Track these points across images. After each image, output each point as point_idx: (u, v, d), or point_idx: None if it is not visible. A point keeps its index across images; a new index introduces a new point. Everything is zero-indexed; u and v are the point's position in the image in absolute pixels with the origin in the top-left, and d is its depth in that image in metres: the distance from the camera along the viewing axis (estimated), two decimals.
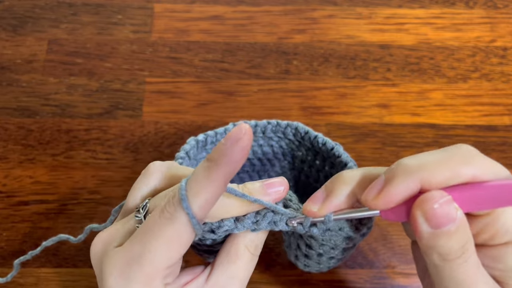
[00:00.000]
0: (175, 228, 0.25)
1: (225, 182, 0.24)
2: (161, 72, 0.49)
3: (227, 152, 0.23)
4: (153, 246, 0.25)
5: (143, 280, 0.26)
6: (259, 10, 0.53)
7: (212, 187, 0.24)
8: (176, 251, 0.26)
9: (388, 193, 0.24)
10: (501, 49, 0.51)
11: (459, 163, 0.24)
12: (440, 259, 0.24)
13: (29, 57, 0.50)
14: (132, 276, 0.26)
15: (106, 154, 0.45)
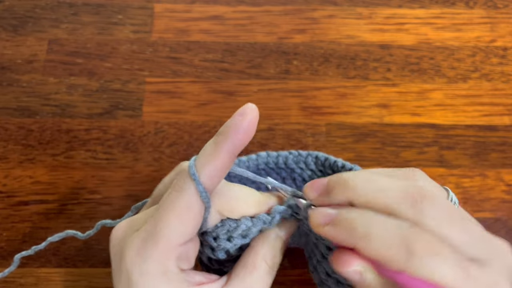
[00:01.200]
0: (184, 199, 0.26)
1: (232, 153, 0.26)
2: (161, 72, 0.49)
3: (234, 124, 0.26)
4: (166, 221, 0.26)
5: (158, 258, 0.26)
6: (259, 10, 0.53)
7: (219, 158, 0.26)
8: (188, 224, 0.26)
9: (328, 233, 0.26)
10: (501, 49, 0.51)
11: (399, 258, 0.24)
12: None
13: (29, 57, 0.50)
14: (147, 254, 0.26)
15: (106, 154, 0.45)
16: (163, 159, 0.45)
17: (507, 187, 0.45)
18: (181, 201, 0.26)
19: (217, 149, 0.26)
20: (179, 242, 0.26)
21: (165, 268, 0.26)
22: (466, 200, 0.45)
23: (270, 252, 0.29)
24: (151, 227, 0.26)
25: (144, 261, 0.26)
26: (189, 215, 0.26)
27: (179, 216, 0.26)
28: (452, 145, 0.47)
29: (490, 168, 0.46)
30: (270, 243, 0.29)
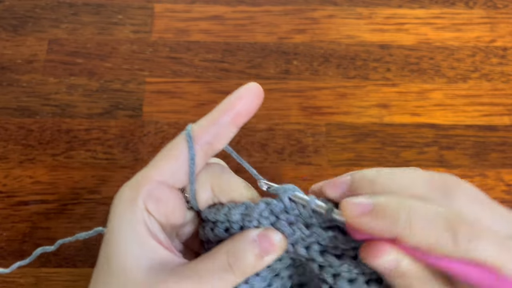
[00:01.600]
0: (174, 142, 0.27)
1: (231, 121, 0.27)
2: (161, 72, 0.49)
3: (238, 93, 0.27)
4: (153, 160, 0.28)
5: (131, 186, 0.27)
6: (259, 10, 0.53)
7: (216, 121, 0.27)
8: (168, 161, 0.27)
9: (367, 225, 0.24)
10: (501, 49, 0.51)
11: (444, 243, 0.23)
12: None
13: (29, 57, 0.50)
14: (131, 179, 0.28)
15: (106, 154, 0.45)
16: None
17: (507, 187, 0.45)
18: (171, 144, 0.28)
19: (218, 112, 0.27)
20: (155, 177, 0.27)
21: (133, 197, 0.27)
22: None
23: (237, 249, 0.26)
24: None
25: (123, 188, 0.28)
26: (171, 152, 0.27)
27: (162, 154, 0.27)
28: (452, 145, 0.47)
29: (490, 168, 0.46)
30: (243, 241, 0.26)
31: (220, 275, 0.25)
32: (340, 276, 0.27)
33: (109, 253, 0.26)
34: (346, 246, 0.26)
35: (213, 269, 0.25)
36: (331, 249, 0.27)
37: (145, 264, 0.25)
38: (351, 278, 0.27)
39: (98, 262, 0.27)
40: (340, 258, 0.26)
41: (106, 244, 0.27)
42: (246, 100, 0.27)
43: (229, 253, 0.26)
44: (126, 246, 0.26)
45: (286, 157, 0.46)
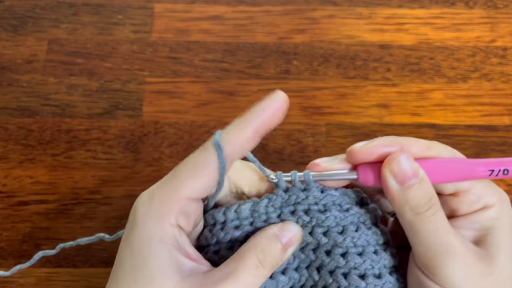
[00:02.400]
0: (202, 155, 0.27)
1: (258, 131, 0.27)
2: (161, 72, 0.49)
3: (263, 104, 0.27)
4: (181, 171, 0.27)
5: (161, 200, 0.27)
6: (259, 10, 0.53)
7: (243, 133, 0.27)
8: (200, 179, 0.27)
9: (372, 145, 0.28)
10: (501, 49, 0.51)
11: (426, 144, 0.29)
12: (412, 214, 0.27)
13: (29, 57, 0.50)
14: (155, 196, 0.27)
15: (106, 154, 0.45)
16: (163, 159, 0.45)
17: (507, 187, 0.45)
18: (199, 156, 0.27)
19: (245, 123, 0.27)
20: (186, 194, 0.27)
21: (164, 212, 0.27)
22: None
23: (262, 247, 0.28)
24: (168, 176, 0.28)
25: (150, 200, 0.27)
26: (203, 171, 0.27)
27: (193, 169, 0.27)
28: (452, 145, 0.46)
29: None
30: (265, 239, 0.28)
31: (254, 273, 0.27)
32: (348, 253, 0.29)
33: (135, 267, 0.26)
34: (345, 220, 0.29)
35: (246, 268, 0.27)
36: (333, 228, 0.29)
37: (175, 276, 0.26)
38: (358, 251, 0.29)
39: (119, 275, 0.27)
40: (342, 234, 0.29)
41: (131, 257, 0.27)
42: (272, 111, 0.27)
43: (257, 251, 0.27)
44: (155, 261, 0.26)
45: (286, 157, 0.46)
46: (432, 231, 0.27)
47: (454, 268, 0.27)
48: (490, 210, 0.28)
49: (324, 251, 0.30)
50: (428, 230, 0.27)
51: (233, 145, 0.27)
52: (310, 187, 0.29)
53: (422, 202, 0.27)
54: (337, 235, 0.29)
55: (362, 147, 0.28)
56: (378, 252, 0.29)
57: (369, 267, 0.29)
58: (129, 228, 0.27)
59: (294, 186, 0.29)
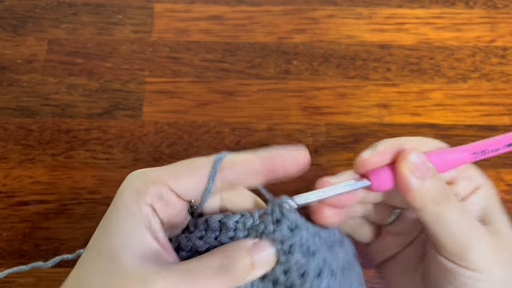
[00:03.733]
0: (202, 160, 0.27)
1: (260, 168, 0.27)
2: (161, 72, 0.49)
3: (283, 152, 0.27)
4: (176, 164, 0.28)
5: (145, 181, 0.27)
6: (259, 10, 0.53)
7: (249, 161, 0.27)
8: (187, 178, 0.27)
9: (380, 149, 0.29)
10: (501, 49, 0.51)
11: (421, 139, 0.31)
12: (435, 206, 0.28)
13: (29, 57, 0.50)
14: (143, 173, 0.27)
15: (106, 154, 0.45)
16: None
17: (507, 187, 0.45)
18: (198, 161, 0.27)
19: (253, 155, 0.27)
20: (170, 184, 0.27)
21: (142, 190, 0.27)
22: None
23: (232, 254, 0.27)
24: (164, 166, 0.28)
25: (134, 178, 0.27)
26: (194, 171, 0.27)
27: (187, 166, 0.27)
28: (452, 145, 0.46)
29: (490, 168, 0.46)
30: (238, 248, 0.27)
31: (212, 276, 0.25)
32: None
33: (104, 238, 0.27)
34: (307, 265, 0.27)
35: (208, 269, 0.25)
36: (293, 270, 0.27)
37: (138, 254, 0.25)
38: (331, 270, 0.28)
39: (91, 244, 0.27)
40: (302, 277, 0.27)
41: (103, 228, 0.27)
42: (285, 159, 0.27)
43: (224, 256, 0.26)
44: (123, 236, 0.26)
45: None
46: (457, 218, 0.28)
47: (481, 249, 0.28)
48: (482, 189, 0.30)
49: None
50: (454, 218, 0.28)
51: (234, 168, 0.27)
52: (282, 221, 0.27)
53: (441, 191, 0.28)
54: (297, 277, 0.27)
55: (372, 154, 0.29)
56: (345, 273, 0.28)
57: None
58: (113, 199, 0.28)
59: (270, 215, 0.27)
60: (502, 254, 0.29)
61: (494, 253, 0.28)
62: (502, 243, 0.29)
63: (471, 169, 0.31)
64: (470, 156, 0.31)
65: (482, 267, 0.28)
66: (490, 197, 0.31)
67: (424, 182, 0.28)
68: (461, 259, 0.28)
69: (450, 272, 0.29)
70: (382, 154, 0.29)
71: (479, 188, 0.31)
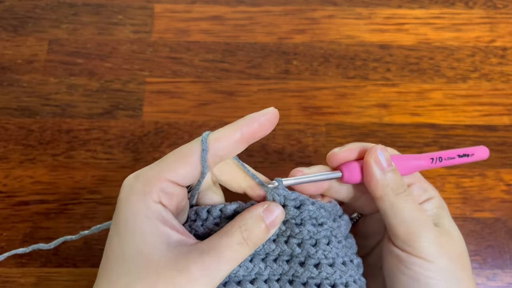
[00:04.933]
0: (188, 145, 0.30)
1: (244, 137, 0.30)
2: (161, 72, 0.49)
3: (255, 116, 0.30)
4: (167, 157, 0.30)
5: (145, 181, 0.29)
6: (259, 10, 0.53)
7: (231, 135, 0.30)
8: (183, 165, 0.29)
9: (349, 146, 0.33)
10: (501, 49, 0.51)
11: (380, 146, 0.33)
12: (393, 196, 0.31)
13: (29, 57, 0.50)
14: (140, 175, 0.29)
15: (106, 154, 0.46)
16: None
17: (506, 187, 0.45)
18: (185, 146, 0.30)
19: (235, 127, 0.30)
20: (169, 176, 0.29)
21: (146, 191, 0.29)
22: (466, 200, 0.45)
23: (247, 225, 0.30)
24: (155, 162, 0.30)
25: (134, 182, 0.29)
26: (186, 158, 0.29)
27: (178, 156, 0.30)
28: (451, 145, 0.47)
29: (490, 168, 0.46)
30: (252, 217, 0.30)
31: (237, 248, 0.29)
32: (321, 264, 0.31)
33: (124, 243, 0.28)
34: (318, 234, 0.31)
35: (230, 243, 0.29)
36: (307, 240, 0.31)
37: (162, 247, 0.28)
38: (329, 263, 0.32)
39: (108, 255, 0.29)
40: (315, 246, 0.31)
41: (118, 235, 0.29)
42: (262, 123, 0.30)
43: (242, 229, 0.29)
44: (142, 235, 0.28)
45: (286, 157, 0.46)
46: (411, 209, 0.31)
47: (430, 238, 0.31)
48: (433, 200, 0.33)
49: (298, 262, 0.31)
50: (408, 208, 0.31)
51: (220, 143, 0.29)
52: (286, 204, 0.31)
53: (400, 184, 0.32)
54: (310, 247, 0.31)
55: (342, 149, 0.33)
56: (346, 263, 0.32)
57: (338, 277, 0.31)
58: (116, 208, 0.29)
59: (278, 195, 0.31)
60: (450, 250, 0.31)
61: (442, 246, 0.31)
62: (451, 242, 0.32)
63: (426, 182, 0.35)
64: (428, 162, 0.34)
65: (431, 256, 0.31)
66: (442, 207, 0.34)
67: (386, 174, 0.31)
68: (412, 247, 0.31)
69: (402, 262, 0.31)
70: (351, 150, 0.33)
71: (432, 198, 0.34)
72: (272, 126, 0.31)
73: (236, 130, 0.30)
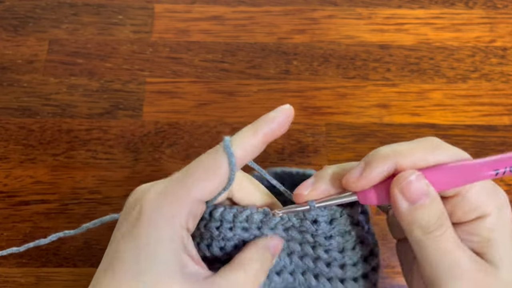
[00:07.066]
0: (215, 158, 0.28)
1: (265, 138, 0.28)
2: (161, 72, 0.49)
3: (273, 115, 0.28)
4: (193, 172, 0.28)
5: (173, 201, 0.27)
6: (259, 10, 0.53)
7: (254, 138, 0.28)
8: (211, 182, 0.28)
9: (367, 174, 0.27)
10: (501, 49, 0.51)
11: (427, 150, 0.27)
12: (421, 233, 0.26)
13: (30, 57, 0.50)
14: (166, 195, 0.27)
15: (106, 154, 0.46)
16: (163, 159, 0.45)
17: (507, 187, 0.45)
18: (211, 159, 0.28)
19: (253, 129, 0.28)
20: (198, 195, 0.27)
21: (176, 213, 0.27)
22: None
23: (257, 258, 0.30)
24: (178, 176, 0.28)
25: (160, 200, 0.27)
26: (214, 173, 0.28)
27: (205, 171, 0.28)
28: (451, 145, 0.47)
29: None
30: (259, 249, 0.30)
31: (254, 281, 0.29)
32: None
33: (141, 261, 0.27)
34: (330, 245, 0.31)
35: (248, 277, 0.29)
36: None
37: (178, 277, 0.27)
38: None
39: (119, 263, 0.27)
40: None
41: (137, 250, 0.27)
42: (281, 121, 0.29)
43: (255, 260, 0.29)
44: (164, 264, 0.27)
45: (286, 157, 0.46)
46: (440, 250, 0.26)
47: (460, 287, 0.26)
48: (487, 219, 0.27)
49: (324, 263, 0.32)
50: (436, 249, 0.26)
51: (243, 149, 0.28)
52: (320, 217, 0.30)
53: (432, 221, 0.26)
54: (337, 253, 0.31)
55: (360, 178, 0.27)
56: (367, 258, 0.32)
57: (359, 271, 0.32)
58: (133, 221, 0.27)
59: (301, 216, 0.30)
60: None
61: None
62: (490, 281, 0.27)
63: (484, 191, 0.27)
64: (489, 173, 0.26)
65: None
66: (497, 231, 0.27)
67: (415, 208, 0.26)
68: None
69: None
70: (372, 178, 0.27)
71: (484, 217, 0.27)
72: (289, 123, 0.29)
73: (257, 133, 0.28)
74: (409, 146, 0.27)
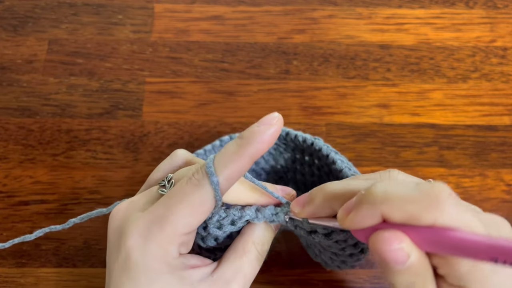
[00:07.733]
0: (200, 194, 0.27)
1: (251, 160, 0.27)
2: (161, 72, 0.49)
3: (260, 132, 0.27)
4: (177, 209, 0.27)
5: (161, 242, 0.27)
6: (259, 10, 0.53)
7: (239, 161, 0.27)
8: (197, 217, 0.28)
9: (354, 218, 0.25)
10: (501, 49, 0.51)
11: (424, 207, 0.23)
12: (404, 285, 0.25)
13: (29, 57, 0.50)
14: (151, 236, 0.27)
15: (106, 154, 0.45)
16: (163, 159, 0.45)
17: (507, 187, 0.45)
18: (196, 195, 0.27)
19: (239, 152, 0.27)
20: (184, 232, 0.28)
21: (167, 252, 0.27)
22: (466, 200, 0.45)
23: (260, 239, 0.30)
24: (160, 211, 0.28)
25: (147, 243, 0.27)
26: (201, 210, 0.27)
27: (191, 208, 0.27)
28: (452, 145, 0.47)
29: (490, 168, 0.46)
30: (261, 230, 0.31)
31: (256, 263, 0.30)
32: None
33: None
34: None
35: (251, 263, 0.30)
36: None
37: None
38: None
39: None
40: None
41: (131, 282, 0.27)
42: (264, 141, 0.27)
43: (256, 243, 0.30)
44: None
45: None
46: None
47: None
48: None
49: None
50: None
51: (229, 178, 0.27)
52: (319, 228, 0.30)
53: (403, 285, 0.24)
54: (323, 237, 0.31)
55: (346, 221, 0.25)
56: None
57: None
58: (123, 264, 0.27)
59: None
60: None
61: None
62: None
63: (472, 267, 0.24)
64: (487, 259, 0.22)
65: None
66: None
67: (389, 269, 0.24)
68: None
69: None
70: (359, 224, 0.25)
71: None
72: (277, 134, 0.28)
73: (243, 156, 0.27)
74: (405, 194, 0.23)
